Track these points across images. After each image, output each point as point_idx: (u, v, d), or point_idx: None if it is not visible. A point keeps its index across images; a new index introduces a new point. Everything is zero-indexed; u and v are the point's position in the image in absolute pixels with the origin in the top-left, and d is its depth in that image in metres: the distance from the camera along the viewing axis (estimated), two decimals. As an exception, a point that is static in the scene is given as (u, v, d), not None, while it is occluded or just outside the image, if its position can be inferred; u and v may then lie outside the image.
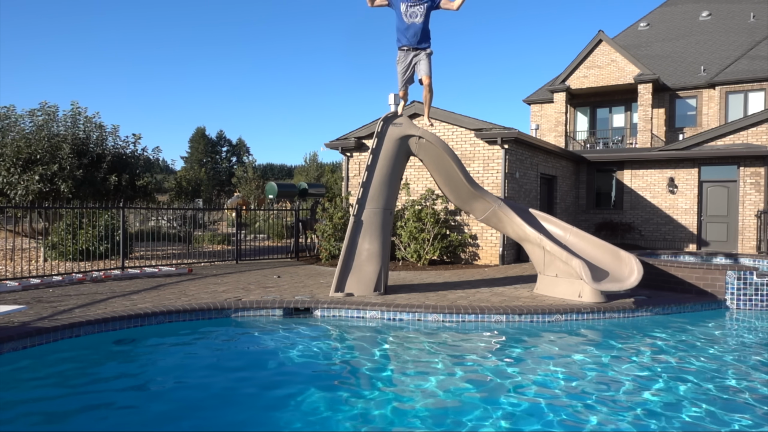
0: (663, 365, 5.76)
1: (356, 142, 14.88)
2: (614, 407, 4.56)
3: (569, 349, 6.46)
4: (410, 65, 7.63)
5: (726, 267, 8.97)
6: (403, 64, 7.67)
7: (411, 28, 7.27)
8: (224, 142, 71.21)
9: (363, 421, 4.28)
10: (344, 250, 8.53)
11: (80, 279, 10.00)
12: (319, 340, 6.68)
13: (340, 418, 4.32)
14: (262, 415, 4.41)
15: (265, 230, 21.82)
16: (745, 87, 21.61)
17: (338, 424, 4.23)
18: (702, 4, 27.09)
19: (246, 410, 4.49)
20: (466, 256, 13.45)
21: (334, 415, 4.37)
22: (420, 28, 7.32)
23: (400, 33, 7.46)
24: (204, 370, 5.55)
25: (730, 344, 6.75)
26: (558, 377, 5.30)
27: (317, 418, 4.32)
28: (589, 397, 4.76)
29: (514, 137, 12.91)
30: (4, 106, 14.74)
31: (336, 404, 4.61)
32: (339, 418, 4.32)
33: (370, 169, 8.64)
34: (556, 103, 23.39)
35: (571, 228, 9.27)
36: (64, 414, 4.43)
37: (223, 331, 6.98)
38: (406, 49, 7.54)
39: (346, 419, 4.31)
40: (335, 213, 13.65)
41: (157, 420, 4.31)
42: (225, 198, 45.89)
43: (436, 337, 6.80)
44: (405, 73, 7.65)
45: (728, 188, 17.20)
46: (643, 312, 8.10)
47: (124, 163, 14.98)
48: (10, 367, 5.35)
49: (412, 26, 7.29)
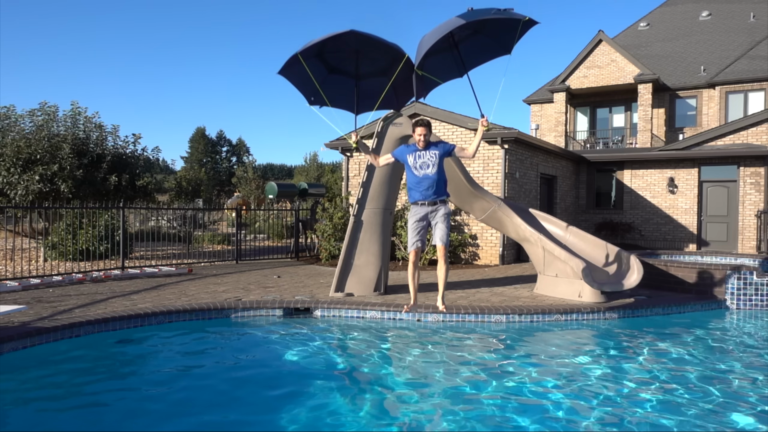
0: (663, 365, 5.76)
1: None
2: (614, 407, 4.56)
3: (569, 349, 6.46)
4: (426, 222, 5.98)
5: (726, 267, 8.96)
6: (416, 218, 5.94)
7: (424, 181, 5.86)
8: (224, 142, 71.19)
9: (363, 421, 4.28)
10: (344, 250, 8.53)
11: (80, 279, 10.00)
12: (319, 340, 6.68)
13: (340, 418, 4.32)
14: (263, 414, 4.41)
15: (265, 230, 21.81)
16: (745, 87, 21.60)
17: (338, 424, 4.23)
18: (702, 4, 27.08)
19: (246, 410, 4.49)
20: (466, 256, 13.45)
21: (335, 415, 4.37)
22: (434, 179, 5.85)
23: (412, 190, 5.93)
24: (204, 370, 5.55)
25: (731, 344, 6.75)
26: (557, 377, 5.29)
27: (317, 418, 4.32)
28: (589, 397, 4.76)
29: (514, 137, 12.91)
30: (4, 106, 14.76)
31: (336, 404, 4.61)
32: (339, 418, 4.32)
33: (370, 169, 8.64)
34: (556, 103, 23.38)
35: (571, 228, 9.27)
36: (64, 414, 4.43)
37: (224, 331, 6.98)
38: (421, 203, 5.94)
39: (347, 419, 4.31)
40: (335, 213, 13.64)
41: (156, 420, 4.31)
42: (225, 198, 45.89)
43: (437, 336, 6.80)
44: (419, 232, 5.95)
45: (728, 188, 17.19)
46: (643, 312, 8.10)
47: (124, 163, 14.98)
48: (10, 367, 5.35)
49: (425, 179, 5.87)
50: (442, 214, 5.89)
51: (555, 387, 5.03)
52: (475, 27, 6.01)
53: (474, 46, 6.29)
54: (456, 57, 6.20)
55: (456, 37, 6.03)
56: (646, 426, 4.18)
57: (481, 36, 6.21)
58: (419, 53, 5.80)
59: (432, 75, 6.27)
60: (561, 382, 5.13)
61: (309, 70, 6.09)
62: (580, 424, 4.22)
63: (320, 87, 6.30)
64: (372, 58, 6.32)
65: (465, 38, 6.20)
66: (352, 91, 6.52)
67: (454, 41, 6.05)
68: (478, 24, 5.90)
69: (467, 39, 6.22)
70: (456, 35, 5.99)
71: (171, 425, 4.21)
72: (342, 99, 6.67)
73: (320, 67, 6.36)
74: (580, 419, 4.30)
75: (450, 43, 6.04)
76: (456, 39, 6.04)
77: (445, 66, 6.35)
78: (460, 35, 6.10)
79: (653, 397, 4.79)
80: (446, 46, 6.07)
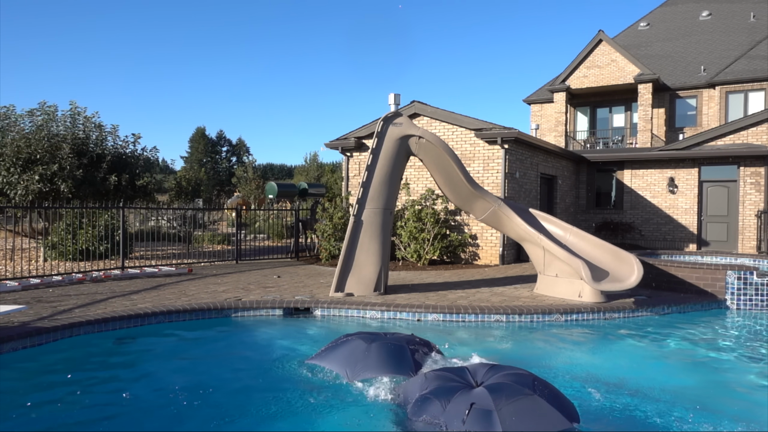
0: (663, 365, 5.75)
1: (356, 142, 14.88)
2: (614, 407, 4.55)
3: (569, 349, 6.45)
4: None
5: (726, 267, 8.96)
6: None
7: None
8: (224, 142, 71.19)
9: (363, 421, 4.27)
10: (344, 250, 8.53)
11: (80, 279, 9.99)
12: (319, 340, 6.67)
13: (340, 418, 4.32)
14: (263, 414, 4.40)
15: (265, 230, 21.82)
16: (745, 87, 21.60)
17: (338, 424, 4.22)
18: (702, 4, 27.09)
19: (246, 410, 4.48)
20: (466, 256, 13.45)
21: (335, 415, 4.37)
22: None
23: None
24: (203, 370, 5.55)
25: (731, 344, 6.74)
26: (558, 377, 5.29)
27: (317, 418, 4.31)
28: (589, 397, 4.76)
29: (514, 137, 12.91)
30: (3, 106, 14.76)
31: (336, 404, 4.60)
32: (339, 418, 4.32)
33: (370, 169, 8.64)
34: (556, 103, 23.38)
35: (571, 228, 9.26)
36: (63, 414, 4.43)
37: (223, 331, 6.97)
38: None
39: (347, 419, 4.30)
40: (335, 213, 13.64)
41: (156, 420, 4.31)
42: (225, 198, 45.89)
43: (437, 337, 6.79)
44: None
45: (728, 188, 17.19)
46: (644, 312, 8.10)
47: (123, 162, 14.98)
48: (10, 367, 5.34)
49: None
50: None
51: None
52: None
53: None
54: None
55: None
56: (646, 425, 4.16)
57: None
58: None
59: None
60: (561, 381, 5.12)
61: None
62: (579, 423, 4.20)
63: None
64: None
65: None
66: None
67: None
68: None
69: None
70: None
71: (170, 425, 4.21)
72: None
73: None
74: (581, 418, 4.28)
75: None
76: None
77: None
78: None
79: (653, 396, 4.78)
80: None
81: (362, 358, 4.96)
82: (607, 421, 4.28)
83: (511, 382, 4.03)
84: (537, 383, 4.09)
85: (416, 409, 4.03)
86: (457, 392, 3.98)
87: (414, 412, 4.02)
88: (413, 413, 4.03)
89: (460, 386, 4.07)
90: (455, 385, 4.09)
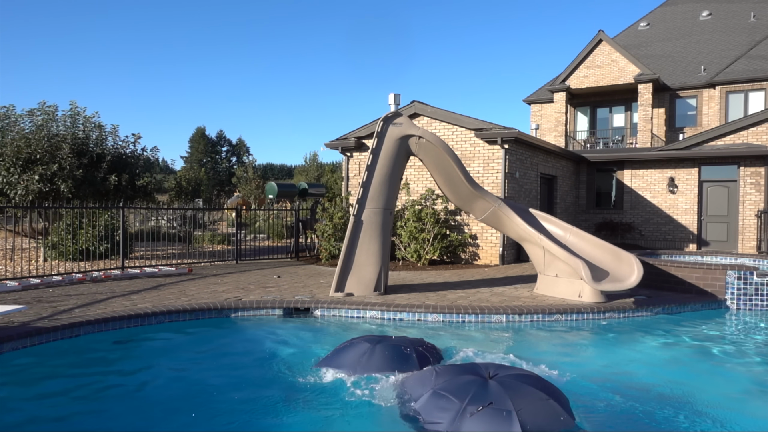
0: (663, 365, 5.75)
1: (356, 142, 14.88)
2: (613, 407, 4.55)
3: (569, 349, 6.45)
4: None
5: (726, 267, 8.96)
6: None
7: None
8: (224, 142, 71.19)
9: (363, 421, 4.27)
10: (344, 250, 8.53)
11: (80, 279, 9.99)
12: (319, 340, 6.67)
13: (341, 418, 4.31)
14: (262, 414, 4.40)
15: (265, 230, 21.81)
16: (745, 87, 21.60)
17: (338, 424, 4.22)
18: (702, 4, 27.08)
19: (246, 410, 4.48)
20: (466, 256, 13.45)
21: (335, 415, 4.37)
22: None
23: None
24: (203, 370, 5.54)
25: (731, 344, 6.74)
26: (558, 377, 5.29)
27: (318, 418, 4.31)
28: (589, 397, 4.75)
29: (514, 137, 12.91)
30: (3, 106, 14.76)
31: (336, 404, 4.60)
32: (339, 418, 4.31)
33: (370, 169, 8.64)
34: (556, 103, 23.38)
35: (571, 228, 9.26)
36: (63, 413, 4.43)
37: (223, 331, 6.97)
38: None
39: (346, 419, 4.30)
40: (335, 213, 13.64)
41: (156, 419, 4.31)
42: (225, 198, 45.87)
43: (437, 336, 6.79)
44: None
45: (728, 188, 17.19)
46: (644, 312, 8.10)
47: (123, 162, 14.98)
48: (10, 367, 5.34)
49: None
50: None
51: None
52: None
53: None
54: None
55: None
56: (646, 425, 4.17)
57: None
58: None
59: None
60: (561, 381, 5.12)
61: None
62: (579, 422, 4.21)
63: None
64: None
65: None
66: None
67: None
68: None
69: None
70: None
71: (170, 425, 4.21)
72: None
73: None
74: (580, 418, 4.28)
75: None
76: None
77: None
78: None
79: (653, 396, 4.77)
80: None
81: (366, 358, 4.98)
82: (607, 421, 4.27)
83: (521, 382, 4.04)
84: (543, 384, 4.09)
85: (426, 405, 3.97)
86: (472, 388, 3.94)
87: (424, 409, 3.97)
88: (423, 410, 3.98)
89: (474, 380, 4.04)
90: (469, 379, 4.06)
